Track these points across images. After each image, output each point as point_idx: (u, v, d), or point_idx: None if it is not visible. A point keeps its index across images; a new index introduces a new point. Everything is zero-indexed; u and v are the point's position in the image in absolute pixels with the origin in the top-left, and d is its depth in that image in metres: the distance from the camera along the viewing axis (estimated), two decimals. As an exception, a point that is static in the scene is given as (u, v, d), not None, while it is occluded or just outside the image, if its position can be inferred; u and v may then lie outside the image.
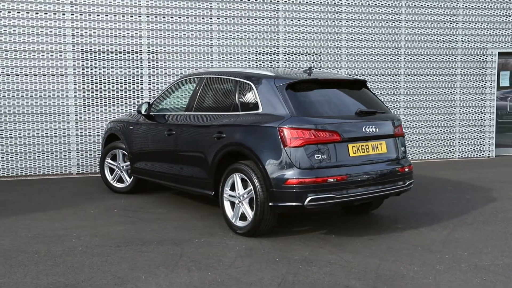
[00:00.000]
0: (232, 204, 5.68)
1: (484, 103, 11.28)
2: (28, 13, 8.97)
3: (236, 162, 5.58)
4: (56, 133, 9.27)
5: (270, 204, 5.15)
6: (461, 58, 11.08)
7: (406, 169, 5.69)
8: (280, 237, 5.48)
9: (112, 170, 7.81)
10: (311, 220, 6.18)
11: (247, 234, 5.43)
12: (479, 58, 11.18)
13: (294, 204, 5.04)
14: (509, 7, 11.21)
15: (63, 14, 9.15)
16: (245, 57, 9.97)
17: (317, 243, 5.28)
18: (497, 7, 11.14)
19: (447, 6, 10.89)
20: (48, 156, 9.27)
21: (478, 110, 11.26)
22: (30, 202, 7.20)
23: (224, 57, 9.86)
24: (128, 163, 7.55)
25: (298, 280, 4.27)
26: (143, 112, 6.98)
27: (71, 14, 9.17)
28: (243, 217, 5.56)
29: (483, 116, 11.28)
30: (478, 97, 11.25)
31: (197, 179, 6.12)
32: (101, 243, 5.30)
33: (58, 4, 9.08)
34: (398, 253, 4.95)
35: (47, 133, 9.23)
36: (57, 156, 9.32)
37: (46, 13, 9.07)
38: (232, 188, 5.65)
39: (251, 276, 4.36)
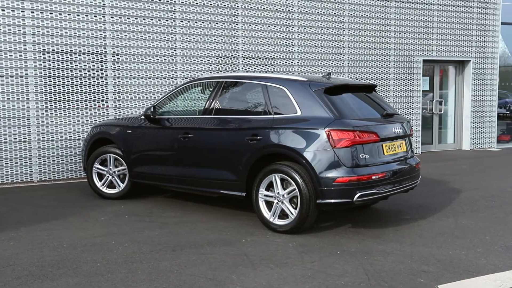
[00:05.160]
0: (267, 203, 5.89)
1: (412, 105, 12.51)
2: (-15, 9, 8.32)
3: (272, 163, 5.81)
4: (16, 138, 8.67)
5: (318, 201, 5.48)
6: (393, 65, 12.18)
7: (419, 166, 6.35)
8: (317, 232, 5.81)
9: (100, 176, 7.55)
10: (325, 216, 6.56)
11: (289, 231, 5.68)
12: (408, 65, 12.38)
13: (343, 200, 5.43)
14: (430, 19, 12.55)
15: (22, 11, 8.58)
16: (208, 60, 10.09)
17: (356, 236, 5.70)
18: (421, 19, 12.42)
19: (381, 17, 11.92)
20: (7, 163, 8.64)
21: (407, 111, 12.44)
22: (21, 213, 6.75)
23: (187, 59, 9.89)
24: (121, 168, 7.37)
25: (379, 269, 4.66)
26: (151, 116, 6.87)
27: (31, 12, 8.63)
28: (280, 216, 5.81)
29: (411, 117, 12.50)
30: (408, 100, 12.44)
31: (223, 181, 6.22)
32: (152, 248, 5.24)
33: (16, 0, 8.51)
34: (434, 240, 5.54)
35: (6, 139, 8.60)
36: (17, 163, 8.71)
37: (4, 10, 8.46)
38: (267, 188, 5.87)
39: (333, 269, 4.67)
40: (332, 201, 5.44)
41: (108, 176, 7.46)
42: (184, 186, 6.71)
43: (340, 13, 11.43)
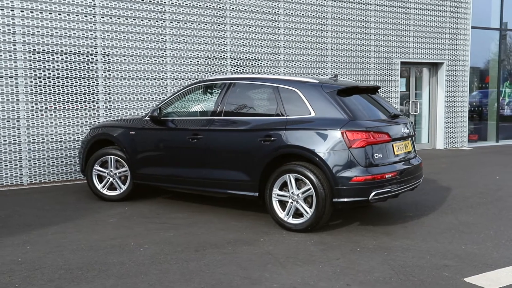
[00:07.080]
0: (280, 203, 5.99)
1: (390, 106, 12.86)
2: (-26, 7, 8.09)
3: (286, 163, 5.91)
4: (5, 140, 8.45)
5: (334, 200, 5.62)
6: (373, 66, 12.51)
7: (422, 165, 6.59)
8: (330, 230, 5.96)
9: (99, 178, 7.47)
10: (332, 215, 6.69)
11: (304, 230, 5.80)
12: (387, 67, 12.74)
13: (359, 199, 5.60)
14: (407, 23, 12.95)
15: (12, 10, 8.38)
16: (197, 61, 10.10)
17: (369, 233, 5.88)
18: (399, 22, 12.80)
19: (362, 19, 12.22)
20: (-3, 166, 8.43)
21: (386, 112, 12.80)
22: (25, 216, 6.61)
23: (177, 60, 9.88)
24: (122, 169, 7.31)
25: (403, 265, 4.84)
26: (158, 117, 6.85)
27: (21, 11, 8.44)
28: (293, 215, 5.92)
29: (390, 118, 12.86)
30: (388, 101, 12.77)
31: (235, 181, 6.27)
32: (174, 249, 5.26)
33: (6, -1, 8.33)
34: (443, 236, 5.77)
35: (-5, 141, 8.39)
36: (6, 165, 8.49)
37: (-7, 9, 8.25)
38: (280, 188, 5.97)
39: (360, 265, 4.82)
40: (349, 199, 5.60)
41: (109, 178, 7.39)
42: (193, 187, 6.72)
43: (324, 16, 11.65)
